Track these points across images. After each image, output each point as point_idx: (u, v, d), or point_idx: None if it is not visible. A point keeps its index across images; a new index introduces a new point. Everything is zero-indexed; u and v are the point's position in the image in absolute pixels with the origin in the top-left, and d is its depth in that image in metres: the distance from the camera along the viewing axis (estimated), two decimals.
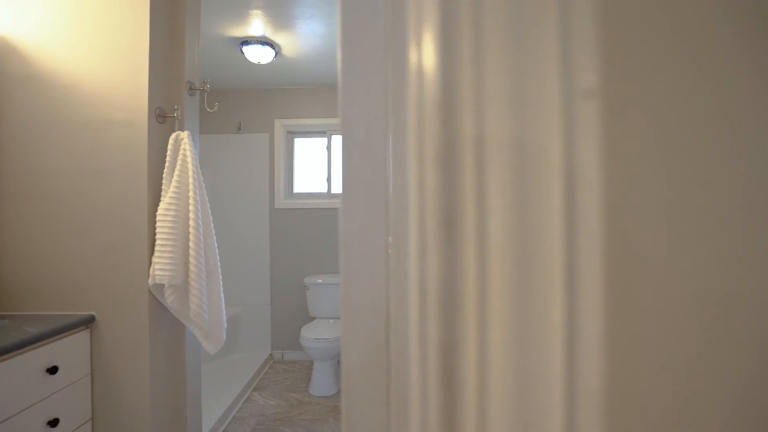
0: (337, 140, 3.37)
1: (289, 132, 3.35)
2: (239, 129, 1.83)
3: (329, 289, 3.09)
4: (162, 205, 1.42)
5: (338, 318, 3.08)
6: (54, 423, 1.27)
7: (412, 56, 0.16)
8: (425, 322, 0.14)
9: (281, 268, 3.31)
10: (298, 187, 3.40)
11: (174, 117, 1.51)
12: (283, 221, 3.29)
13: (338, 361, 3.04)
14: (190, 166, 1.46)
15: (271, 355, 3.32)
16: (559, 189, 0.12)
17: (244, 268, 3.30)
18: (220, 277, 1.57)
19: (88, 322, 1.43)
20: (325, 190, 3.36)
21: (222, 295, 1.57)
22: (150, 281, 1.42)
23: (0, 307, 1.46)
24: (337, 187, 3.36)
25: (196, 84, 1.67)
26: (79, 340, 1.40)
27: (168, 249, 1.39)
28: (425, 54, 0.13)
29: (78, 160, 1.44)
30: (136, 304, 1.44)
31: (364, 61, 0.25)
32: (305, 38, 2.52)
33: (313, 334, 2.67)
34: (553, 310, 0.12)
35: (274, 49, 2.53)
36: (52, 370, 1.27)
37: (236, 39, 2.48)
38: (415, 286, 0.15)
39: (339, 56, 0.27)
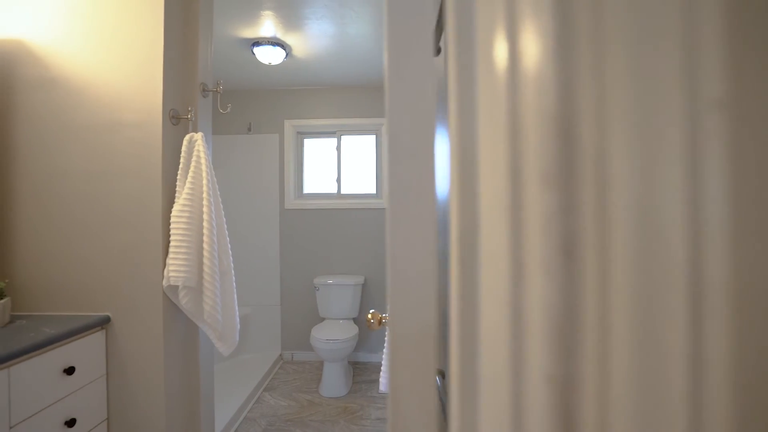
0: (347, 141, 3.36)
1: (298, 132, 3.35)
2: (249, 130, 1.83)
3: (339, 290, 3.08)
4: (176, 207, 1.42)
5: (348, 319, 3.08)
6: (71, 423, 1.28)
7: (499, 60, 0.15)
8: (523, 351, 0.13)
9: (291, 268, 3.31)
10: (308, 187, 3.40)
11: (188, 118, 1.52)
12: (293, 222, 3.29)
13: (348, 362, 3.03)
14: (203, 167, 1.46)
15: (281, 355, 3.33)
16: (685, 210, 0.11)
17: (254, 268, 3.31)
18: (234, 278, 1.57)
19: (104, 322, 1.44)
20: (334, 190, 3.35)
21: (235, 296, 1.57)
22: (164, 282, 1.42)
23: (17, 308, 1.47)
24: (346, 188, 3.35)
25: (209, 85, 1.67)
26: (95, 340, 1.41)
27: (182, 251, 1.39)
28: (529, 58, 0.12)
29: (93, 162, 1.45)
30: (150, 305, 1.44)
31: (412, 65, 0.24)
32: (316, 39, 2.51)
33: (323, 335, 2.67)
34: (680, 345, 0.11)
35: (284, 49, 2.53)
36: (69, 371, 1.28)
37: (247, 40, 2.48)
38: (504, 312, 0.14)
39: (385, 59, 0.26)
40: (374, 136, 3.34)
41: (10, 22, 1.46)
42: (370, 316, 0.93)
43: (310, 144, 3.41)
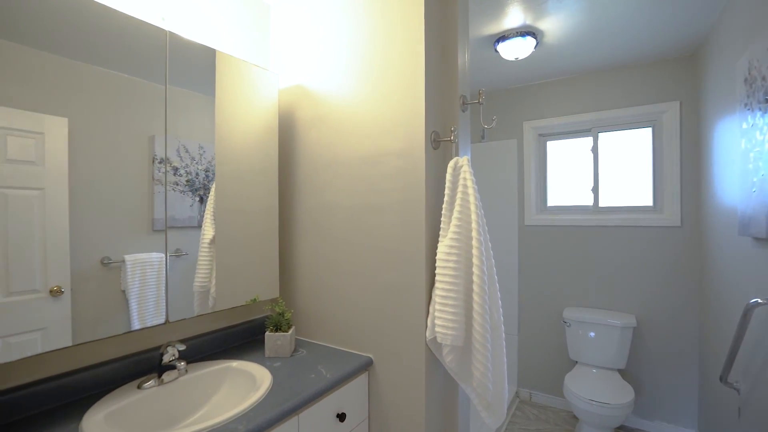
0: (606, 139, 2.63)
1: (540, 135, 2.84)
2: (482, 137, 1.52)
3: (600, 330, 2.41)
4: (442, 247, 1.20)
5: (610, 369, 2.39)
6: None
7: None
8: None
9: (532, 294, 2.84)
10: (554, 199, 2.84)
11: (450, 140, 1.28)
12: (535, 240, 2.81)
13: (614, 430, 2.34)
14: (471, 198, 1.19)
15: (517, 393, 2.91)
16: None
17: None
18: (503, 333, 1.24)
19: (367, 365, 1.36)
20: (590, 203, 2.68)
21: (505, 357, 1.24)
22: (428, 334, 1.23)
23: (298, 331, 1.58)
24: (606, 199, 2.63)
25: (468, 98, 1.41)
26: (360, 383, 1.35)
27: (450, 302, 1.15)
28: None
29: (357, 196, 1.40)
30: (412, 353, 1.28)
31: None
32: (572, 17, 1.97)
33: (585, 392, 2.09)
34: None
35: (535, 38, 2.09)
36: (341, 417, 1.23)
37: (490, 37, 2.17)
38: None
39: None
40: (650, 129, 2.49)
41: (295, 71, 1.57)
42: None
43: (555, 147, 2.84)
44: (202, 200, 1.31)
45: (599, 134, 2.63)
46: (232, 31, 1.50)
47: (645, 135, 2.50)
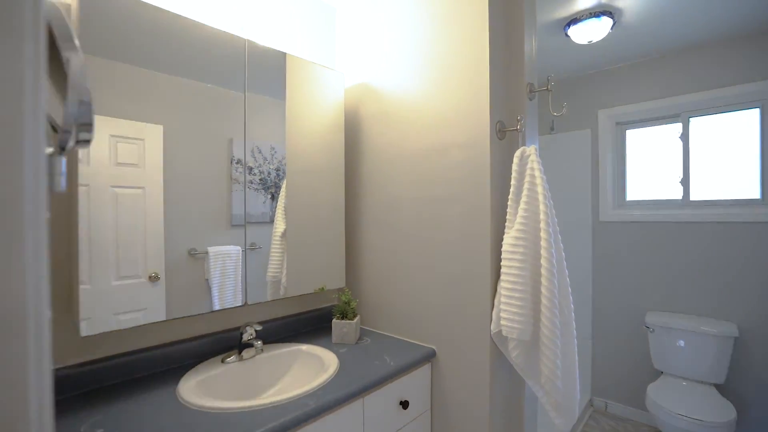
0: (698, 124, 2.35)
1: (618, 123, 2.62)
2: (552, 129, 1.44)
3: (692, 338, 2.16)
4: (508, 239, 1.16)
5: (705, 383, 2.13)
6: None
7: None
8: None
9: (608, 296, 2.63)
10: (633, 193, 2.60)
11: (517, 130, 1.24)
12: (612, 238, 2.60)
13: None
14: (539, 189, 1.14)
15: (590, 401, 2.71)
16: None
17: None
18: (575, 330, 1.18)
19: (430, 356, 1.37)
20: (678, 196, 2.41)
21: (576, 356, 1.17)
22: (493, 328, 1.20)
23: (363, 321, 1.63)
24: (699, 191, 2.34)
25: (535, 85, 1.35)
26: (423, 374, 1.36)
27: (517, 295, 1.12)
28: None
29: (422, 189, 1.41)
30: (476, 347, 1.27)
31: None
32: None
33: (674, 406, 1.89)
34: None
35: (612, 17, 1.94)
36: (404, 404, 1.25)
37: (560, 21, 2.05)
38: None
39: None
40: (757, 110, 2.17)
41: (359, 70, 1.63)
42: None
43: (635, 136, 2.60)
44: (273, 197, 1.41)
45: (690, 119, 2.35)
46: (301, 34, 1.59)
47: (750, 117, 2.19)
